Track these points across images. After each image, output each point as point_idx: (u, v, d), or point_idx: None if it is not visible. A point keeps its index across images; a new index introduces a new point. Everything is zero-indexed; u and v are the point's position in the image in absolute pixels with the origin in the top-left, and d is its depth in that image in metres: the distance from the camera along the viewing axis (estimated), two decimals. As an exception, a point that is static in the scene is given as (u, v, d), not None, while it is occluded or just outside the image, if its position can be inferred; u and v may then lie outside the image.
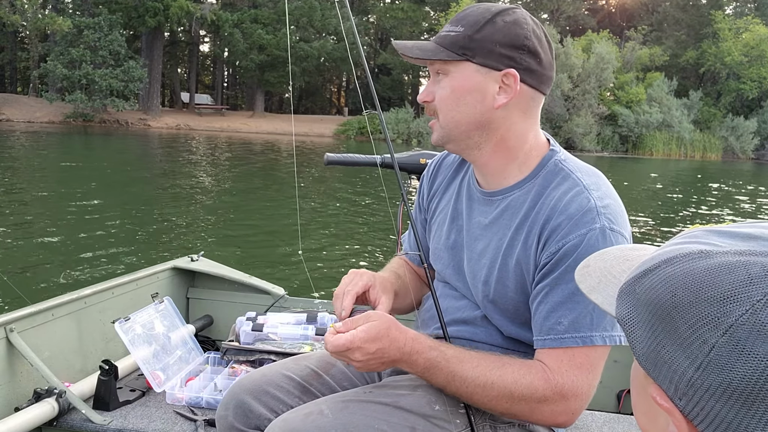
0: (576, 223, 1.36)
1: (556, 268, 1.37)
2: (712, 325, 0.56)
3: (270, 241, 9.05)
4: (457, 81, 1.43)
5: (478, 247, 1.53)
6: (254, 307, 2.98)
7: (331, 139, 39.20)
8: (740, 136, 46.22)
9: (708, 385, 0.56)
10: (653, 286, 0.62)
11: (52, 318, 2.36)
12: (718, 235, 0.62)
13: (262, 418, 1.57)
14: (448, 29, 1.44)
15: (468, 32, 1.40)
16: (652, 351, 0.61)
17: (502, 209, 1.50)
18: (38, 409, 2.08)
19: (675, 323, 0.59)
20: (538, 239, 1.41)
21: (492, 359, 1.40)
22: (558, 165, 1.47)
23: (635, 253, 0.75)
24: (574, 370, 1.35)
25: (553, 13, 55.17)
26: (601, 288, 0.74)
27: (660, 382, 0.61)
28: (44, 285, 6.13)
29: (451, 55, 1.42)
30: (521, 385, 1.35)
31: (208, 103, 50.66)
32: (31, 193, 12.24)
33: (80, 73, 37.47)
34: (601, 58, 42.43)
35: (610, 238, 1.35)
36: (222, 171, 18.74)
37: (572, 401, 1.36)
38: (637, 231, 11.51)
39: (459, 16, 1.45)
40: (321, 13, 45.39)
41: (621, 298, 0.67)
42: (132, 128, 38.55)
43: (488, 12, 1.41)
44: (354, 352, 1.34)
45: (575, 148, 41.23)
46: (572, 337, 1.34)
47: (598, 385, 1.41)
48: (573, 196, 1.40)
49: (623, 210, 1.45)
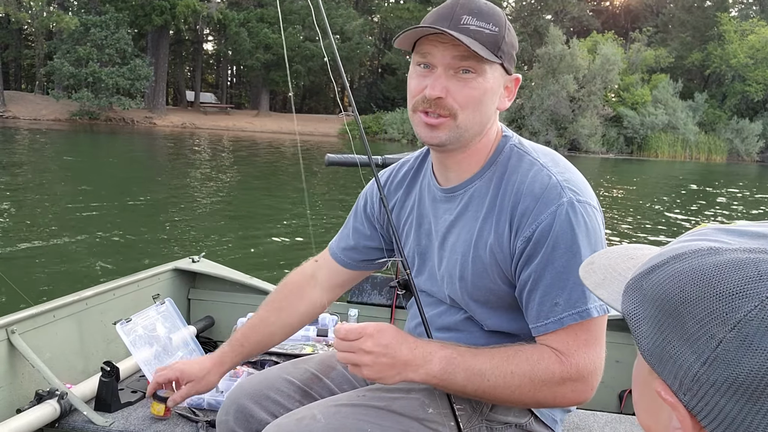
0: (543, 202, 1.36)
1: (536, 252, 1.36)
2: (720, 320, 0.56)
3: (273, 242, 9.05)
4: (489, 83, 1.39)
5: (448, 245, 1.52)
6: (255, 308, 2.96)
7: (335, 138, 39.17)
8: (745, 138, 46.06)
9: (714, 380, 0.56)
10: (661, 281, 0.62)
11: (53, 319, 2.37)
12: (727, 233, 0.62)
13: (262, 422, 1.57)
14: (481, 25, 1.35)
15: (502, 33, 1.37)
16: (658, 346, 0.61)
17: (466, 202, 1.49)
18: (40, 411, 2.08)
19: (682, 318, 0.59)
20: (509, 225, 1.40)
21: (503, 350, 1.39)
22: (513, 149, 1.48)
23: (639, 252, 0.76)
24: (582, 347, 1.35)
25: (557, 14, 55.09)
26: (606, 284, 0.74)
27: (665, 377, 0.61)
28: (45, 286, 6.13)
29: (491, 56, 1.36)
30: (539, 369, 1.35)
31: (212, 102, 50.72)
32: (35, 192, 12.25)
33: (87, 71, 37.56)
34: (606, 59, 42.34)
35: (579, 210, 1.36)
36: (227, 171, 18.74)
37: (589, 378, 1.36)
38: (639, 232, 11.51)
39: (479, 8, 1.37)
40: (327, 12, 45.29)
41: (627, 294, 0.67)
42: (138, 126, 38.62)
43: (500, 10, 1.40)
44: (366, 341, 1.33)
45: (580, 149, 41.21)
46: (570, 314, 1.34)
47: (600, 386, 1.41)
48: (533, 175, 1.41)
49: (584, 181, 1.45)
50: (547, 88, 41.78)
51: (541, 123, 41.83)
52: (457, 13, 1.36)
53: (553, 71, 42.43)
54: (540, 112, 41.92)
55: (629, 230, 11.80)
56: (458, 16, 1.35)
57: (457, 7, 1.37)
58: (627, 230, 11.78)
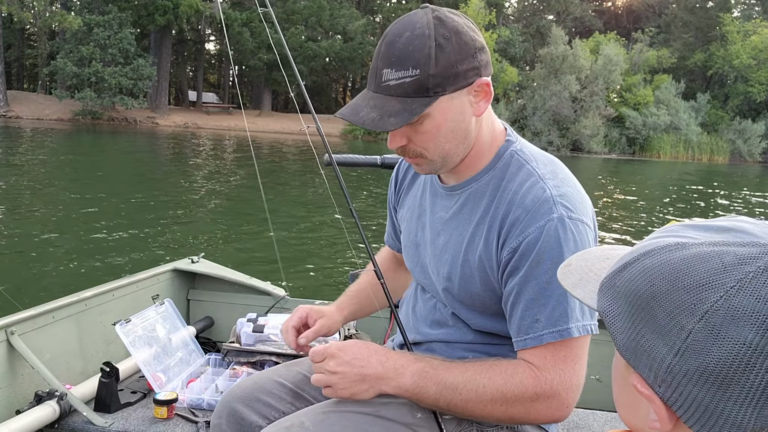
0: (533, 215, 1.34)
1: (521, 265, 1.35)
2: (688, 311, 0.58)
3: (273, 242, 9.05)
4: (439, 118, 1.34)
5: (440, 243, 1.53)
6: (255, 308, 2.99)
7: (338, 138, 39.17)
8: (748, 139, 46.05)
9: (686, 370, 0.58)
10: (632, 277, 0.65)
11: (52, 320, 2.37)
12: (693, 228, 0.65)
13: (254, 425, 1.59)
14: (399, 76, 1.29)
15: (427, 71, 1.28)
16: (632, 340, 0.63)
17: (462, 203, 1.49)
18: (39, 412, 2.09)
19: (653, 312, 0.61)
20: (498, 235, 1.39)
21: (478, 364, 1.39)
22: (514, 155, 1.46)
23: (615, 252, 0.77)
24: (559, 364, 1.34)
25: (559, 14, 55.06)
26: (582, 284, 0.76)
27: (640, 371, 0.63)
28: (43, 286, 6.13)
29: (426, 102, 1.30)
30: (512, 385, 1.34)
31: (214, 102, 50.73)
32: (34, 191, 12.26)
33: (90, 70, 37.56)
34: (609, 59, 42.34)
35: (569, 226, 1.33)
36: (228, 170, 18.74)
37: (565, 395, 1.35)
38: (638, 233, 11.48)
39: (396, 55, 1.29)
40: (330, 12, 45.39)
41: (602, 292, 0.70)
42: (140, 126, 38.61)
43: (424, 38, 1.29)
44: (329, 362, 1.38)
45: (582, 149, 41.20)
46: (550, 332, 1.33)
47: (599, 385, 1.41)
48: (529, 187, 1.38)
49: (583, 196, 1.42)
50: (550, 89, 41.78)
51: (543, 123, 41.81)
52: (379, 69, 1.32)
53: (556, 71, 42.43)
54: (542, 112, 41.91)
55: (628, 231, 11.79)
56: (380, 72, 1.32)
57: (379, 59, 1.33)
58: (626, 231, 11.78)
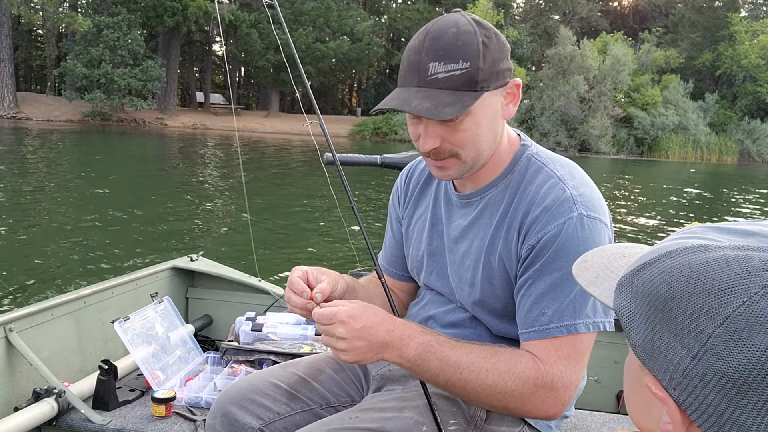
0: (553, 213, 1.36)
1: (537, 259, 1.37)
2: (709, 315, 0.57)
3: (273, 242, 9.07)
4: (481, 115, 1.35)
5: (461, 250, 1.53)
6: (254, 307, 3.00)
7: (346, 139, 39.19)
8: (757, 139, 45.69)
9: (703, 374, 0.57)
10: (652, 278, 0.63)
11: (51, 318, 2.38)
12: (716, 231, 0.64)
13: (247, 427, 1.58)
14: (449, 69, 1.29)
15: (476, 63, 1.29)
16: (649, 341, 0.62)
17: (481, 209, 1.50)
18: (38, 409, 2.10)
19: (672, 314, 0.60)
20: (518, 233, 1.41)
21: (484, 347, 1.39)
22: (531, 159, 1.48)
23: (632, 251, 0.78)
24: (561, 360, 1.35)
25: (566, 14, 54.90)
26: (599, 282, 0.76)
27: (655, 372, 0.62)
28: (43, 284, 6.15)
29: (475, 95, 1.30)
30: (514, 374, 1.34)
31: (222, 103, 50.84)
32: (42, 191, 12.33)
33: (99, 72, 37.73)
34: (617, 60, 42.14)
35: (588, 225, 1.35)
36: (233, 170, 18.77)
37: (561, 392, 1.35)
38: (647, 232, 11.45)
39: (445, 49, 1.29)
40: (337, 13, 45.42)
41: (619, 291, 0.69)
42: (149, 127, 38.74)
43: (471, 34, 1.30)
44: (337, 327, 1.31)
45: (590, 150, 41.03)
46: (557, 326, 1.35)
47: (598, 386, 1.41)
48: (549, 188, 1.40)
49: (600, 196, 1.44)
50: (558, 89, 41.61)
51: (552, 124, 41.66)
52: (424, 63, 1.30)
53: (564, 72, 42.26)
54: (550, 113, 41.75)
55: (638, 231, 11.75)
56: (425, 66, 1.30)
57: (423, 53, 1.31)
58: (636, 231, 11.74)
